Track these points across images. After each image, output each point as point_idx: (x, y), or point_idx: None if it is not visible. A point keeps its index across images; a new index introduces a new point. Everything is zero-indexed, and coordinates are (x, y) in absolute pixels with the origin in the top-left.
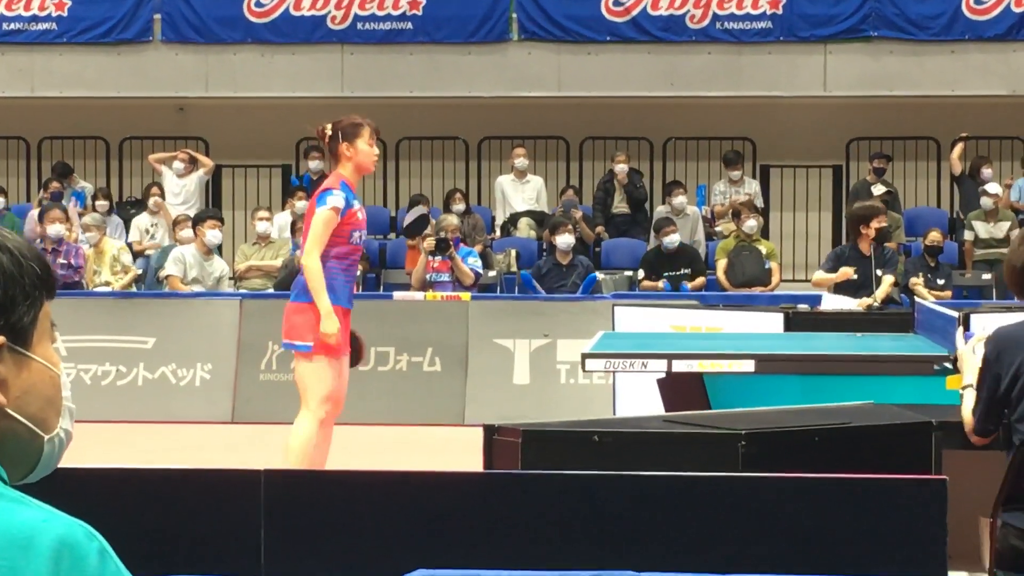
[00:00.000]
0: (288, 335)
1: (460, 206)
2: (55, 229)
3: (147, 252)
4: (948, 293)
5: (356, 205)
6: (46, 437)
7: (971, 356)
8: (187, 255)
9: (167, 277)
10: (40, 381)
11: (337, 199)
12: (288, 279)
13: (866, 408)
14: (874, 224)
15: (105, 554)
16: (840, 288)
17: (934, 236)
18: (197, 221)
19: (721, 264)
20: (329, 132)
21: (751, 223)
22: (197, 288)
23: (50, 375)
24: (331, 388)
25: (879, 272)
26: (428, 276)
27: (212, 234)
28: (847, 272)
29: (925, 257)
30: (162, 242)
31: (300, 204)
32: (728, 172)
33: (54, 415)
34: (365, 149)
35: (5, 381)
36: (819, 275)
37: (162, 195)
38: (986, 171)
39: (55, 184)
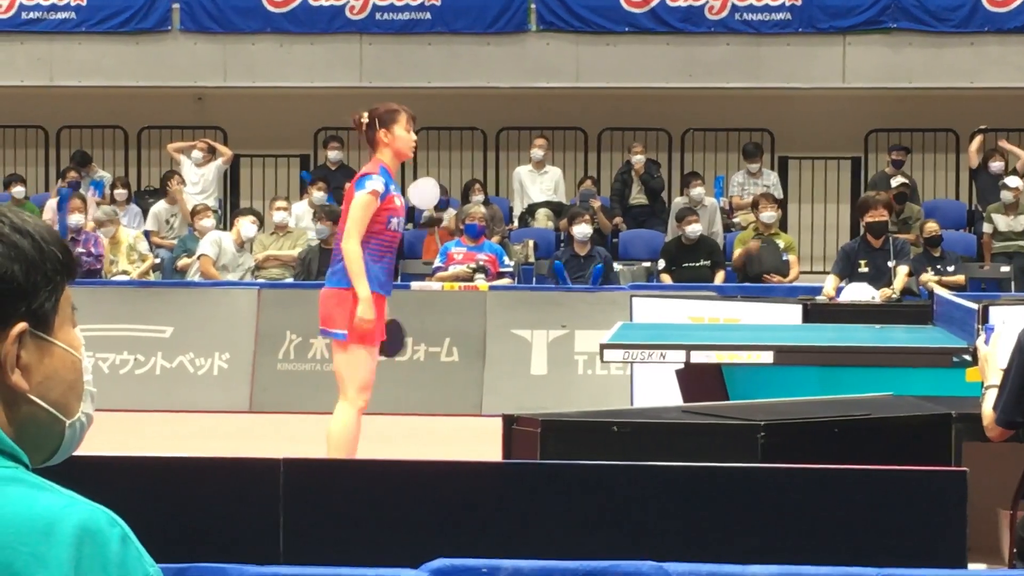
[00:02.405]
0: (324, 322)
1: (479, 196)
2: (75, 219)
3: (164, 244)
4: (961, 278)
5: (394, 191)
6: (68, 422)
7: (993, 357)
8: (224, 241)
9: (200, 256)
10: (62, 366)
11: (376, 183)
12: (304, 273)
13: (885, 400)
14: (867, 217)
15: (127, 540)
16: (854, 281)
17: (931, 227)
18: (236, 215)
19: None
20: (366, 120)
21: (769, 214)
22: (227, 277)
23: (72, 360)
24: (367, 377)
25: (891, 264)
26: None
27: (248, 228)
28: (829, 293)
29: (928, 249)
30: (180, 232)
31: (318, 195)
32: (747, 164)
33: (75, 400)
34: (403, 135)
35: (27, 366)
36: (826, 288)
37: (182, 184)
38: (995, 164)
39: (72, 173)
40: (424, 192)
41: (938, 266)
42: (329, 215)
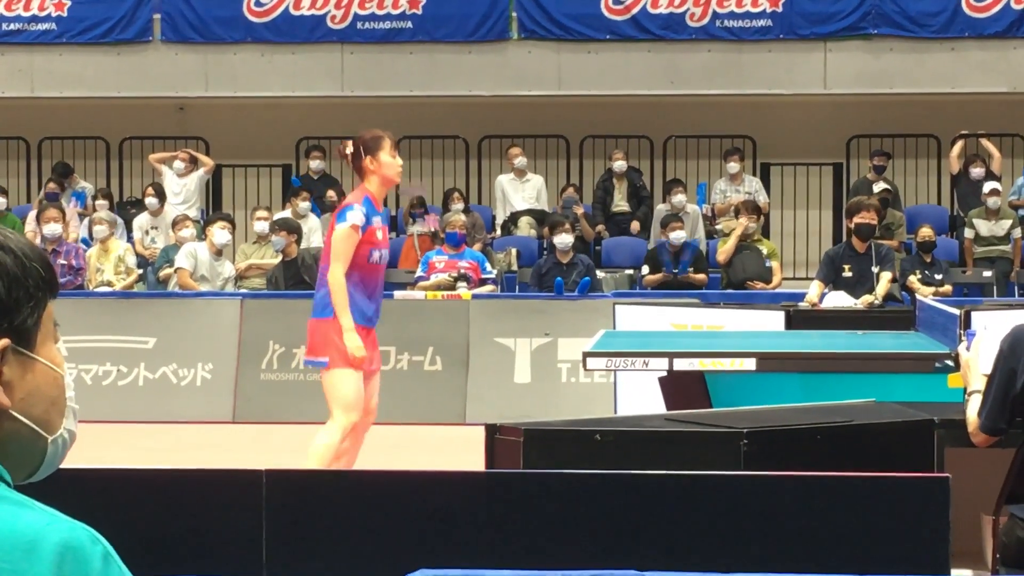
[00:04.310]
0: (309, 352)
1: (459, 205)
2: (51, 228)
3: (147, 255)
4: (948, 288)
5: (377, 223)
6: (50, 438)
7: (976, 362)
8: (199, 252)
9: (177, 270)
10: (44, 382)
11: (356, 215)
12: (274, 288)
13: (868, 406)
14: (856, 219)
15: (109, 558)
16: (838, 286)
17: (926, 232)
18: (208, 222)
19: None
20: (351, 150)
21: (750, 225)
22: (206, 287)
23: (54, 376)
24: (355, 397)
25: (875, 269)
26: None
27: (220, 235)
28: (812, 300)
29: (920, 254)
30: (162, 243)
31: (303, 204)
32: (726, 164)
33: (58, 416)
34: (388, 160)
35: (9, 383)
36: (809, 294)
37: (157, 195)
38: (975, 170)
39: (51, 184)
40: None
41: (927, 271)
42: (284, 226)
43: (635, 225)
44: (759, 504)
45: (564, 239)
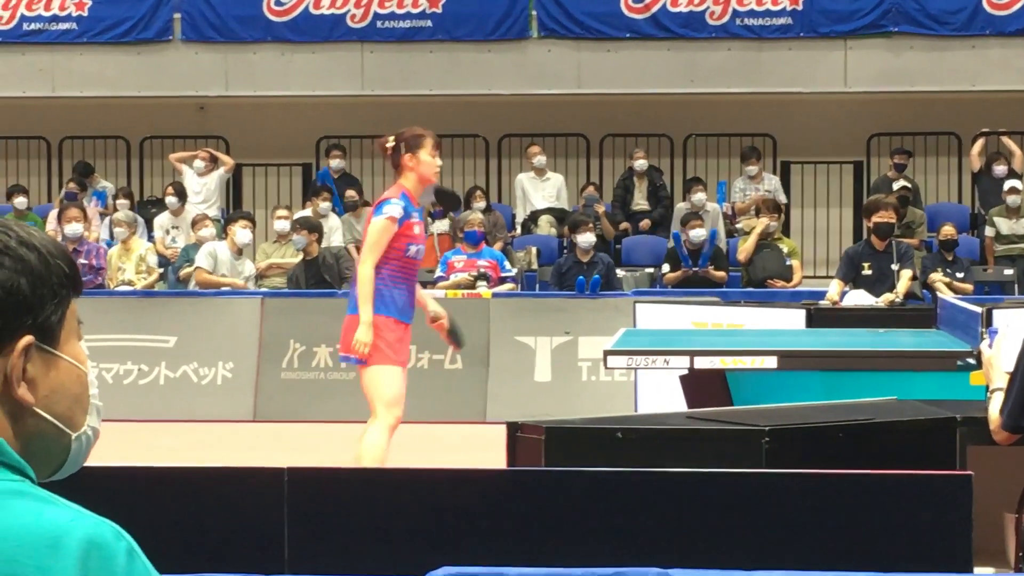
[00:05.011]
0: (344, 348)
1: (481, 203)
2: (72, 228)
3: (168, 255)
4: (969, 287)
5: (415, 217)
6: (73, 435)
7: (998, 360)
8: (219, 251)
9: (196, 269)
10: (68, 379)
11: (395, 209)
12: (294, 287)
13: (889, 404)
14: (875, 218)
15: (133, 553)
16: (858, 284)
17: (948, 230)
18: (229, 221)
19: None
20: (391, 144)
21: (771, 224)
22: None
23: (77, 373)
24: (395, 393)
25: (895, 267)
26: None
27: (242, 234)
28: (833, 298)
29: (942, 252)
30: (182, 243)
31: (324, 204)
32: (745, 167)
33: (81, 413)
34: (428, 160)
35: (33, 380)
36: (830, 292)
37: (177, 195)
38: (998, 168)
39: (71, 184)
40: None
41: (948, 269)
42: (305, 225)
43: (645, 223)
44: (781, 502)
45: (587, 238)
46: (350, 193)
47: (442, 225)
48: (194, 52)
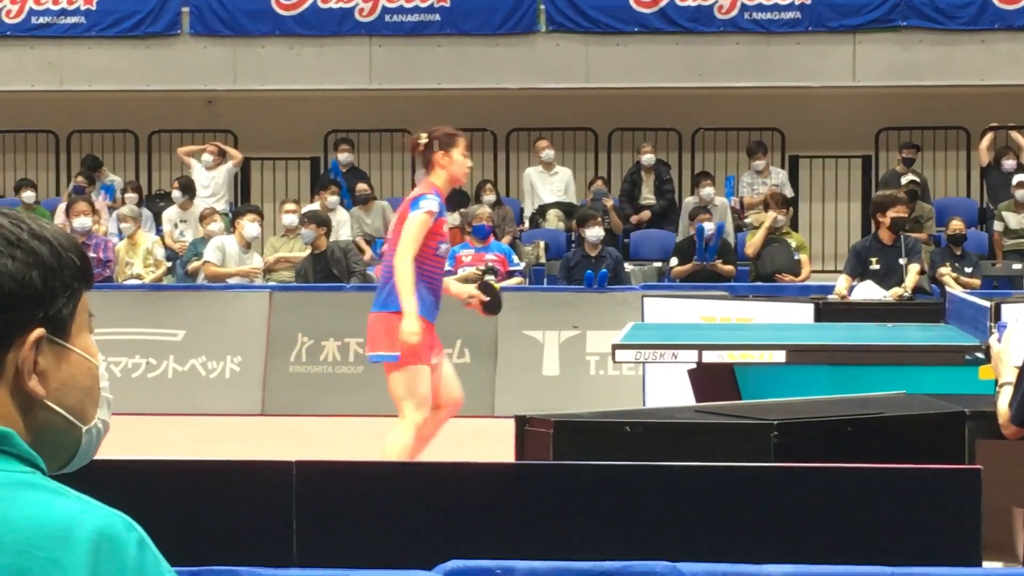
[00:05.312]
0: (372, 347)
1: (491, 197)
2: (81, 222)
3: (176, 249)
4: (977, 281)
5: (445, 216)
6: (84, 428)
7: (1007, 354)
8: (227, 245)
9: (204, 263)
10: (79, 372)
11: (432, 203)
12: (303, 281)
13: (898, 398)
14: (890, 213)
15: (144, 545)
16: (866, 279)
17: (956, 225)
18: (237, 214)
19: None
20: (424, 141)
21: (779, 217)
22: (237, 280)
23: (88, 366)
24: (424, 393)
25: (903, 261)
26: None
27: (251, 227)
28: (841, 292)
29: (950, 247)
30: (190, 237)
31: (332, 198)
32: (752, 163)
33: (92, 406)
34: (460, 159)
35: (44, 373)
36: (838, 287)
37: (183, 189)
38: (1008, 163)
39: (79, 178)
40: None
41: (956, 264)
42: (314, 219)
43: (645, 214)
44: (790, 496)
45: (596, 232)
46: (362, 186)
47: (452, 219)
48: (202, 46)
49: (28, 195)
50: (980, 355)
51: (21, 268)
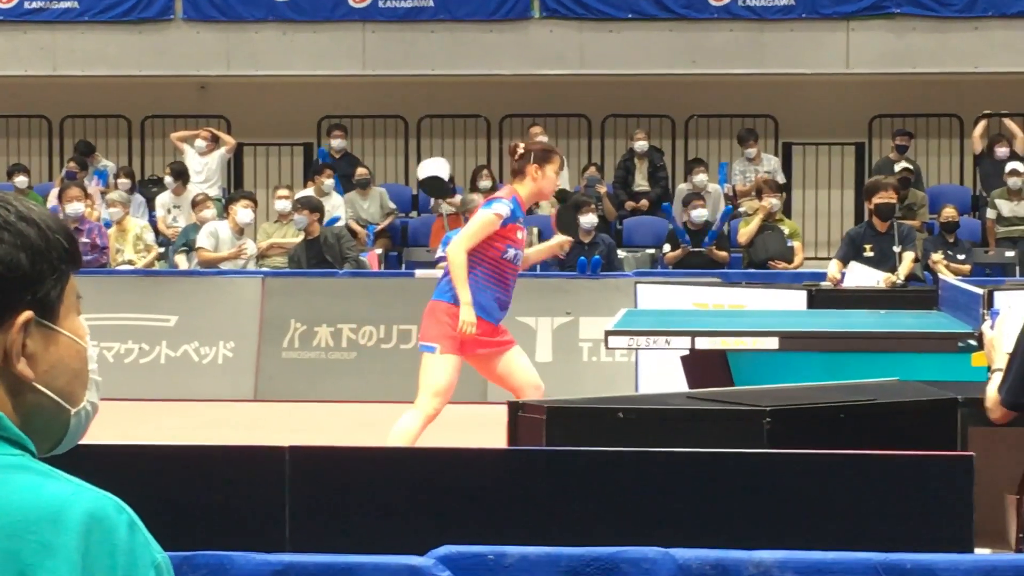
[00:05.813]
0: (422, 336)
1: (487, 183)
2: (73, 207)
3: (169, 235)
4: (967, 268)
5: (521, 223)
6: (73, 410)
7: (1000, 341)
8: (220, 231)
9: (197, 249)
10: (67, 354)
11: (503, 207)
12: (296, 267)
13: (891, 385)
14: (875, 199)
15: (135, 527)
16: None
17: (949, 212)
18: (230, 200)
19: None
20: (521, 151)
21: (772, 201)
22: (230, 266)
23: (77, 348)
24: (445, 385)
25: (897, 249)
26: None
27: (244, 213)
28: (834, 276)
29: (943, 234)
30: (183, 223)
31: (326, 183)
32: (743, 150)
33: (80, 388)
34: (552, 177)
35: (33, 355)
36: (830, 272)
37: (175, 175)
38: (1001, 150)
39: (71, 163)
40: (428, 168)
41: (949, 251)
42: (307, 205)
43: (643, 203)
44: (782, 482)
45: (589, 219)
46: (362, 171)
47: (449, 207)
48: (195, 31)
49: (21, 180)
50: (973, 342)
51: (9, 250)
